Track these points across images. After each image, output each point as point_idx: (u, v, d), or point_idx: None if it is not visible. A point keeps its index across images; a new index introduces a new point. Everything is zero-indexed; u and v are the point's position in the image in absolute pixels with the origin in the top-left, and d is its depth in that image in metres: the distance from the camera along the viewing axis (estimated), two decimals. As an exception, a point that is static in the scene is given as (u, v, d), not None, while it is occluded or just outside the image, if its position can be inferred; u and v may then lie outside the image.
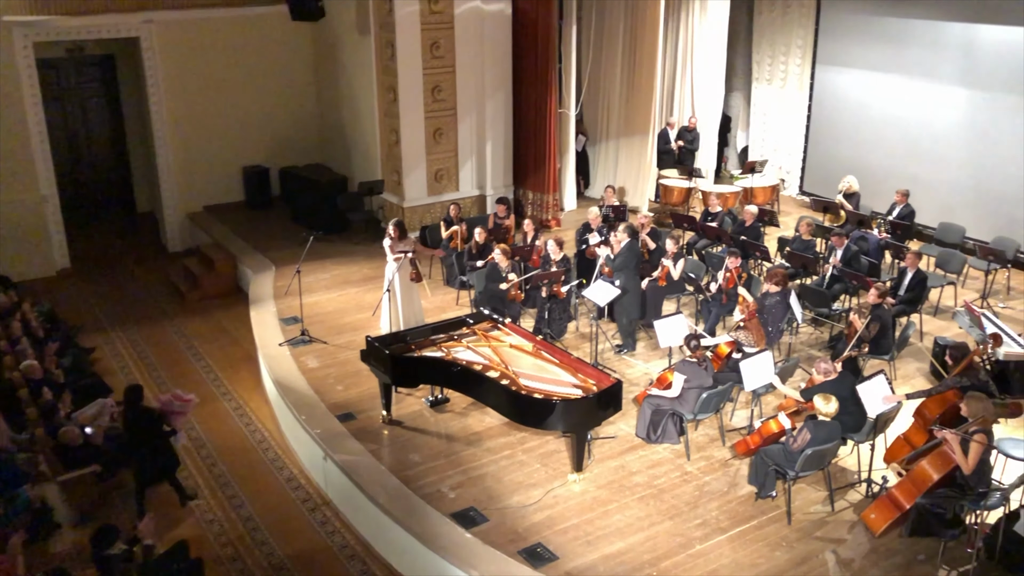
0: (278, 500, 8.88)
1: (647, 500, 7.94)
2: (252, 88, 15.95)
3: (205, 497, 8.95)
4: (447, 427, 9.14)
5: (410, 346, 9.07)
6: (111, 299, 13.88)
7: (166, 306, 13.63)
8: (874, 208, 13.60)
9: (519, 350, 8.94)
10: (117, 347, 12.29)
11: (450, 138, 14.31)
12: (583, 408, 7.95)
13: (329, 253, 13.90)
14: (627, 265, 10.54)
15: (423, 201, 14.35)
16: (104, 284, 14.43)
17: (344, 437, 8.87)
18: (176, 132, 15.37)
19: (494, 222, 13.03)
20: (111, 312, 13.42)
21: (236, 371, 11.42)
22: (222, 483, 9.19)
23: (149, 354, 12.03)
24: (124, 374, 11.51)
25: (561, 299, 10.75)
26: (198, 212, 15.90)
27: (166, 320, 13.11)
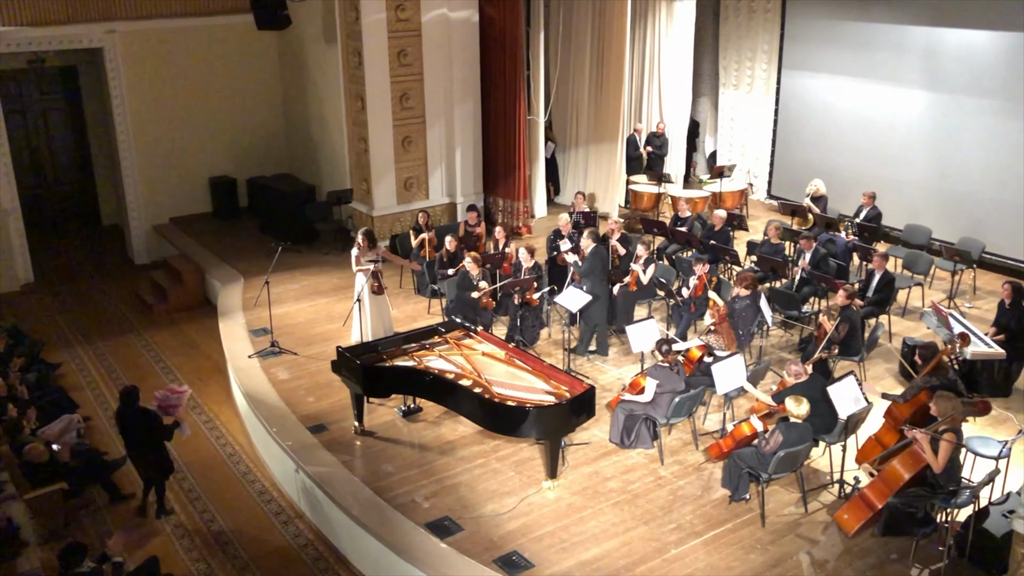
0: (250, 514, 8.80)
1: (622, 505, 7.95)
2: (218, 98, 15.84)
3: (176, 512, 8.84)
4: (420, 436, 9.10)
5: (381, 356, 9.03)
6: (77, 313, 13.70)
7: (133, 319, 13.47)
8: (841, 211, 13.75)
9: (492, 358, 8.93)
10: (83, 362, 12.12)
11: (419, 146, 14.30)
12: (556, 415, 7.95)
13: (298, 264, 13.82)
14: (594, 271, 10.58)
15: (393, 210, 14.30)
16: (69, 298, 14.24)
17: (316, 449, 8.80)
18: (141, 143, 15.21)
19: (465, 230, 13.02)
20: (77, 326, 13.24)
21: (206, 384, 11.30)
22: (192, 497, 9.08)
23: (116, 368, 11.88)
24: (91, 389, 11.35)
25: (533, 306, 10.75)
26: (164, 224, 15.75)
27: (133, 334, 12.95)
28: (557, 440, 8.14)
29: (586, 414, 8.20)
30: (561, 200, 16.52)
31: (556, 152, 16.44)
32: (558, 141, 16.42)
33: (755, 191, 16.57)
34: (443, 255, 12.00)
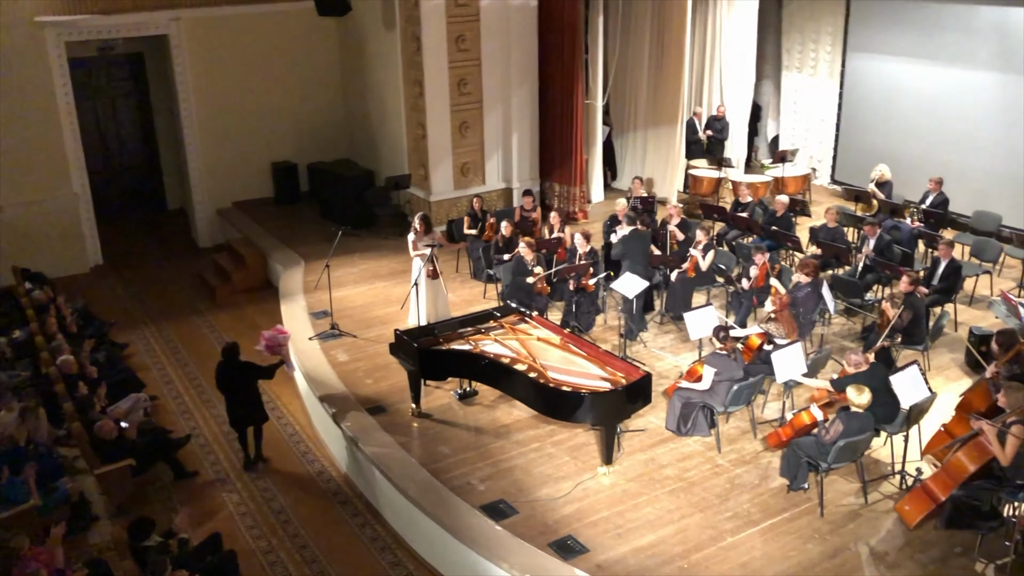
0: (310, 493, 8.97)
1: (677, 493, 7.92)
2: (279, 84, 16.05)
3: (237, 490, 9.06)
4: (476, 420, 9.17)
5: (438, 339, 9.10)
6: (143, 295, 14.06)
7: (197, 301, 13.78)
8: (907, 196, 13.42)
9: (547, 343, 8.94)
10: (150, 342, 12.45)
11: (476, 131, 14.32)
12: (612, 401, 7.93)
13: (357, 248, 13.97)
14: (629, 254, 10.46)
15: (449, 195, 14.36)
16: (136, 280, 14.61)
17: (374, 430, 8.93)
18: (205, 129, 15.51)
19: (520, 215, 13.02)
20: (143, 308, 13.59)
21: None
22: (253, 476, 9.28)
23: (181, 349, 12.18)
24: (157, 369, 11.66)
25: (589, 292, 10.73)
26: (228, 208, 16.05)
27: (197, 315, 13.25)
28: (612, 426, 8.12)
29: (642, 401, 8.17)
30: (618, 185, 16.40)
31: (613, 136, 16.32)
32: (616, 125, 16.30)
33: (818, 176, 16.26)
34: (498, 240, 12.03)
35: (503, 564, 7.04)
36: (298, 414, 10.38)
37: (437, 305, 10.83)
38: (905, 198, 13.36)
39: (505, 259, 11.61)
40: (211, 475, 9.34)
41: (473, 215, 12.88)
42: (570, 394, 7.93)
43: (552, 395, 8.01)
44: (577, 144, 14.47)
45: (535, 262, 10.89)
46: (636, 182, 13.62)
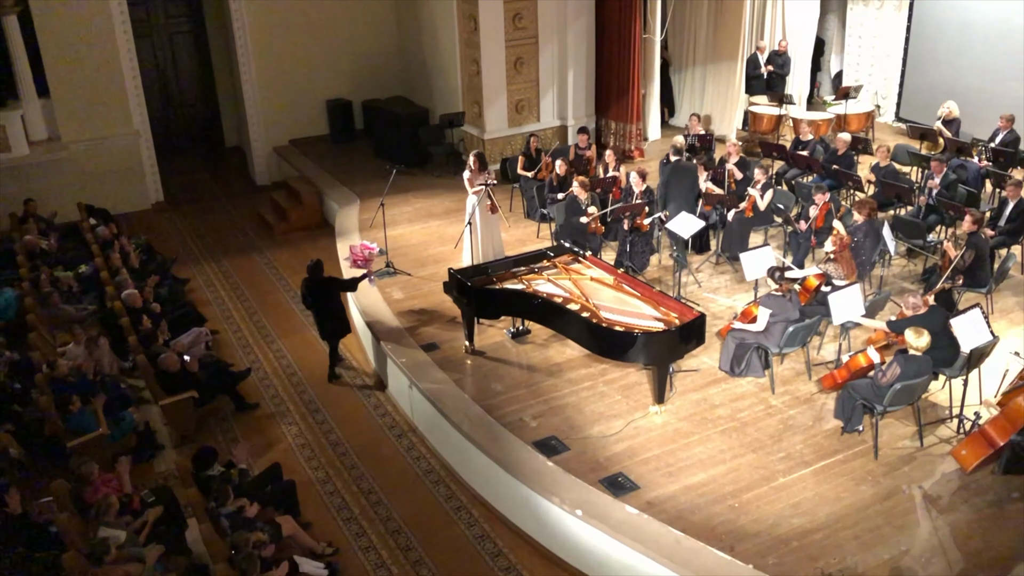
0: (366, 426, 9.19)
1: (729, 433, 7.93)
2: (334, 21, 16.00)
3: (296, 422, 9.31)
4: (528, 358, 9.26)
5: (492, 278, 9.15)
6: (203, 232, 14.34)
7: (255, 238, 14.01)
8: (975, 135, 12.96)
9: (600, 283, 8.94)
10: (210, 278, 12.73)
11: (531, 67, 14.15)
12: (665, 341, 7.93)
13: (411, 186, 14.02)
14: (671, 188, 10.41)
15: (503, 133, 14.27)
16: (195, 217, 14.90)
17: (428, 366, 9.07)
18: (261, 66, 15.57)
19: (575, 153, 12.90)
20: (203, 245, 13.87)
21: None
22: (312, 409, 9.53)
23: (240, 285, 12.44)
24: (217, 305, 11.94)
25: (643, 232, 10.66)
26: (284, 146, 16.18)
27: (255, 252, 13.49)
28: (665, 366, 8.14)
29: (695, 341, 8.16)
30: (675, 123, 16.12)
31: (672, 72, 16.00)
32: (674, 60, 15.97)
33: (883, 113, 15.78)
34: (553, 179, 11.95)
35: (554, 499, 7.17)
36: (354, 350, 10.58)
37: (492, 244, 10.86)
38: (973, 136, 12.90)
39: (559, 198, 11.55)
40: (271, 408, 9.61)
41: (528, 154, 12.80)
42: (623, 333, 7.94)
43: (605, 334, 8.04)
44: (634, 80, 14.22)
45: (589, 201, 10.83)
46: (694, 119, 13.38)
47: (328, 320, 9.76)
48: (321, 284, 9.62)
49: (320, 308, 9.71)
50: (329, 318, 9.76)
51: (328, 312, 9.72)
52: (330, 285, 9.71)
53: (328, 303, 9.68)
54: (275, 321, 11.42)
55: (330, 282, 9.73)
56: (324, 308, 9.70)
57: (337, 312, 9.78)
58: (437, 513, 7.98)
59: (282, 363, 10.42)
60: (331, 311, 9.73)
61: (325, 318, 9.76)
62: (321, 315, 9.76)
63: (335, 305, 9.74)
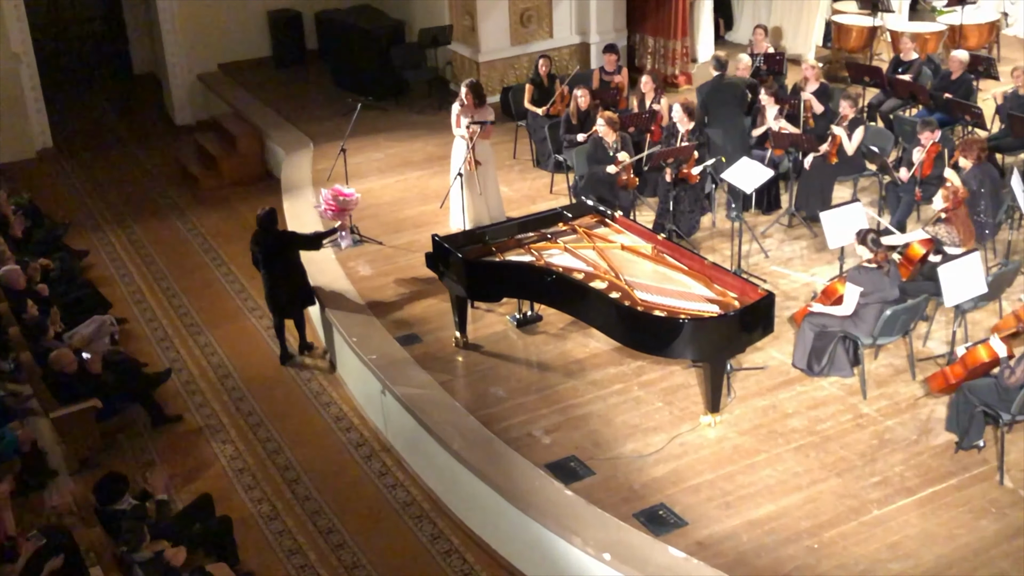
0: (325, 445, 9.20)
1: (807, 451, 7.94)
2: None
3: (232, 440, 9.33)
4: (539, 353, 9.25)
5: (490, 248, 9.13)
6: (105, 188, 14.33)
7: (175, 197, 14.01)
8: None
9: (634, 253, 8.93)
10: (115, 249, 12.74)
11: (541, -35, 14.16)
12: (721, 329, 7.93)
13: (383, 125, 13.97)
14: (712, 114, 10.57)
15: (505, 53, 14.23)
16: (96, 169, 14.87)
17: (407, 365, 9.06)
18: (180, -33, 15.55)
19: (600, 80, 12.86)
20: (106, 205, 13.88)
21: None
22: (253, 423, 9.54)
23: (156, 258, 12.45)
24: (125, 284, 11.95)
25: (692, 184, 10.63)
26: (212, 73, 16.13)
27: (175, 215, 13.49)
28: (721, 363, 8.13)
29: (761, 329, 8.15)
30: (734, 38, 16.08)
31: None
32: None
33: (1011, 23, 15.69)
34: (571, 115, 11.92)
35: (574, 539, 7.18)
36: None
37: (488, 202, 10.82)
38: None
39: (579, 140, 11.51)
40: (198, 420, 9.62)
41: (537, 81, 12.75)
42: (665, 320, 7.93)
43: (641, 321, 8.03)
44: (678, -18, 14.21)
45: (619, 145, 10.79)
46: (759, 33, 13.32)
47: (281, 286, 9.90)
48: (275, 239, 9.78)
49: (273, 271, 9.85)
50: (283, 283, 9.89)
51: (283, 276, 9.86)
52: (287, 240, 9.92)
53: (283, 264, 9.83)
54: (203, 306, 11.43)
55: (287, 237, 9.97)
56: (278, 270, 9.84)
57: (294, 275, 9.94)
58: (419, 558, 7.98)
59: (212, 361, 10.43)
60: (287, 275, 9.88)
61: (278, 283, 9.89)
62: (273, 280, 9.88)
63: (292, 267, 9.90)
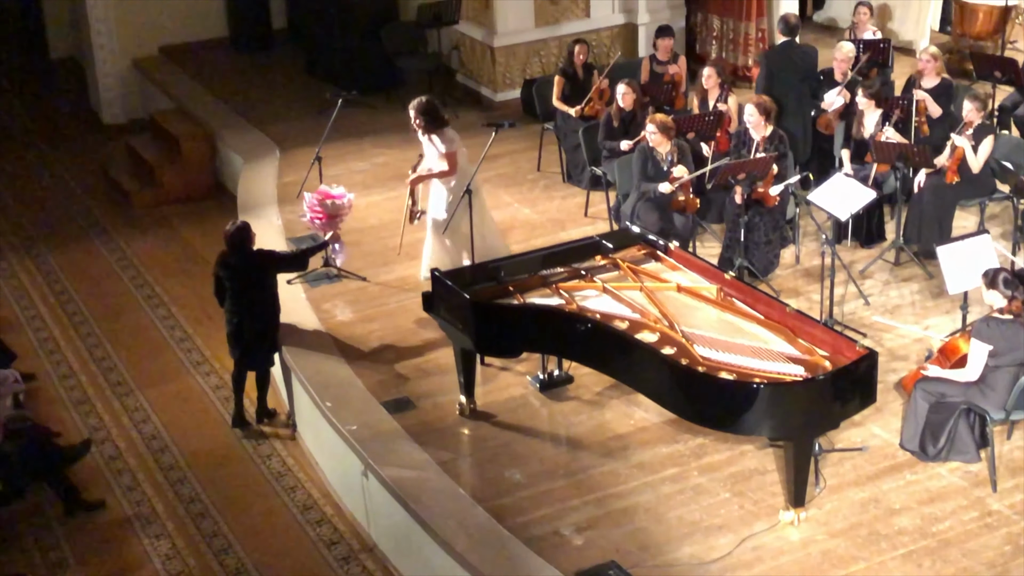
0: (288, 542, 9.14)
1: (919, 559, 7.87)
2: None
3: (168, 533, 9.28)
4: (569, 425, 9.21)
5: (507, 287, 9.11)
6: (10, 203, 14.39)
7: (101, 215, 14.05)
8: None
9: (694, 296, 8.90)
10: (21, 282, 12.75)
11: (576, -76, 14.25)
12: (807, 397, 7.87)
13: (369, 127, 14.02)
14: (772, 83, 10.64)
15: (528, 36, 14.33)
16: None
17: (396, 438, 9.02)
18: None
19: (651, 72, 12.89)
20: (11, 225, 13.92)
21: (218, 325, 11.69)
22: (195, 512, 9.49)
23: (74, 296, 12.45)
24: (32, 328, 11.95)
25: (770, 207, 10.60)
26: (152, 57, 16.25)
27: (100, 238, 13.53)
28: (807, 442, 8.06)
29: (859, 399, 8.07)
30: (826, 18, 16.13)
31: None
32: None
33: None
34: (612, 116, 11.92)
35: (614, 672, 7.10)
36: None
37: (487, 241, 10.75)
38: None
39: (623, 149, 11.52)
40: (125, 508, 9.56)
41: (569, 73, 12.77)
42: (734, 384, 7.87)
43: (702, 385, 7.97)
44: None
45: (675, 155, 10.78)
46: (862, 12, 13.34)
47: (252, 324, 9.89)
48: (249, 261, 9.80)
49: (241, 303, 9.86)
50: (253, 321, 9.89)
51: (254, 310, 9.88)
52: (264, 262, 9.95)
53: (257, 294, 9.89)
54: (134, 359, 11.43)
55: (263, 258, 9.99)
56: (248, 303, 9.86)
57: (268, 312, 10.01)
58: None
59: (145, 431, 10.40)
60: (260, 309, 9.91)
61: (246, 321, 9.87)
62: (241, 315, 9.88)
63: (267, 299, 9.98)
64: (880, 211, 11.22)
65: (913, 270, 10.84)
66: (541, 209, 12.11)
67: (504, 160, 13.17)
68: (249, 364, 10.13)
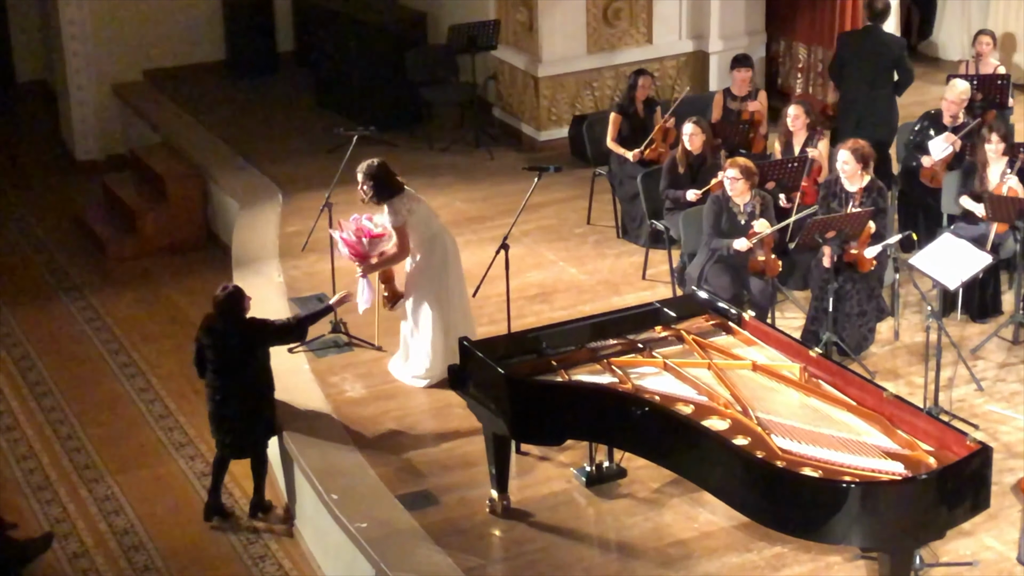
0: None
1: None
2: None
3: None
4: (621, 528, 9.17)
5: (549, 361, 9.10)
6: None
7: (71, 268, 14.14)
8: None
9: (773, 377, 8.87)
10: (-22, 348, 12.84)
11: (637, -65, 14.35)
12: (907, 499, 7.81)
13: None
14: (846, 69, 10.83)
15: (578, 65, 14.43)
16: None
17: (415, 539, 8.99)
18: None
19: (724, 108, 12.93)
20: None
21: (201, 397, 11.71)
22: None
23: (37, 362, 12.51)
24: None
25: (864, 272, 10.57)
26: (134, 83, 16.39)
27: (70, 296, 13.60)
28: (907, 553, 8.01)
29: (970, 503, 8.01)
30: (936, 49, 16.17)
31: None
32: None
33: None
34: (677, 161, 11.94)
35: None
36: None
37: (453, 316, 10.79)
38: None
39: (691, 199, 11.54)
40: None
41: (628, 110, 12.81)
42: (819, 483, 7.83)
43: (781, 484, 7.92)
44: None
45: (756, 207, 10.79)
46: (984, 43, 13.34)
47: (240, 403, 9.92)
48: (240, 331, 9.85)
49: (227, 378, 9.89)
50: (243, 400, 9.91)
51: (243, 387, 9.91)
52: (257, 333, 9.96)
53: (248, 369, 9.91)
54: (105, 438, 11.45)
55: (257, 328, 10.01)
56: (236, 378, 9.90)
57: (259, 389, 10.02)
58: None
59: (116, 524, 10.39)
60: (250, 386, 9.93)
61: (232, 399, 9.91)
62: (227, 391, 9.92)
63: (258, 375, 9.99)
64: (996, 279, 11.20)
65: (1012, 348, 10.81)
66: (591, 269, 12.11)
67: (548, 210, 13.22)
68: (233, 450, 10.15)
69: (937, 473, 7.85)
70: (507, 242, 10.36)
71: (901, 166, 12.45)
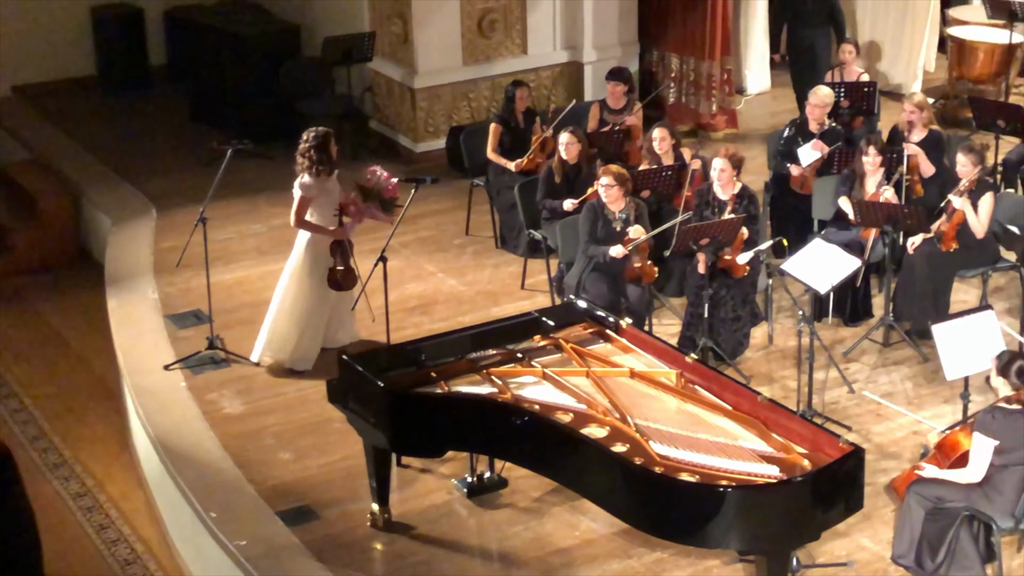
0: None
1: None
2: None
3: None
4: (503, 537, 9.20)
5: (428, 372, 9.13)
6: None
7: (-60, 289, 13.94)
8: None
9: (651, 383, 8.94)
10: None
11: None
12: (782, 502, 7.90)
13: (264, 183, 14.04)
14: None
15: (455, 76, 14.47)
16: None
17: (295, 556, 8.96)
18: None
19: (601, 119, 13.00)
20: None
21: (81, 420, 11.62)
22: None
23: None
24: None
25: (739, 278, 10.69)
26: (2, 99, 16.20)
27: (-61, 317, 13.42)
28: (783, 555, 8.11)
29: (843, 504, 8.12)
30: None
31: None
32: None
33: None
34: (553, 171, 11.99)
35: None
36: (139, 520, 10.52)
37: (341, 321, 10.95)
38: None
39: (567, 208, 11.62)
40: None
41: (507, 120, 12.84)
42: (697, 488, 7.91)
43: (660, 489, 7.98)
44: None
45: (631, 214, 10.88)
46: (847, 51, 13.60)
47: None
48: None
49: None
50: None
51: None
52: None
53: None
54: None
55: None
56: None
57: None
58: None
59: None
60: None
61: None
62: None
63: None
64: (867, 283, 11.35)
65: (905, 352, 10.97)
66: (470, 280, 12.16)
67: (426, 222, 13.25)
68: None
69: (812, 475, 7.96)
70: (385, 255, 10.39)
71: (772, 173, 12.60)
